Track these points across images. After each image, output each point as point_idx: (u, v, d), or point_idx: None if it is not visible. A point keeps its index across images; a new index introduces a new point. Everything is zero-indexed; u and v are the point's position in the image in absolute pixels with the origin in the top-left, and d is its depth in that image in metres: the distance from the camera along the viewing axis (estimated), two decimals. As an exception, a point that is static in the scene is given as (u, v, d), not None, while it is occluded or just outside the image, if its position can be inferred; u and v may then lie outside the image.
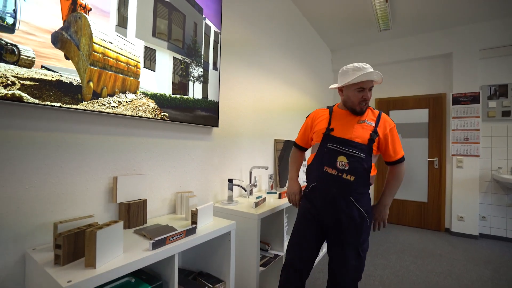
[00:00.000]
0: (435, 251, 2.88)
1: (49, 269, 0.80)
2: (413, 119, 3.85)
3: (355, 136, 1.24)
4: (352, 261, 1.23)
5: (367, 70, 1.22)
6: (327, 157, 1.26)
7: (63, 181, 1.05)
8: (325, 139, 1.29)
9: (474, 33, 3.37)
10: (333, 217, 1.25)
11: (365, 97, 1.25)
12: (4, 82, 0.85)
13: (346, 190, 1.23)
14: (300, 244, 1.33)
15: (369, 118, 1.30)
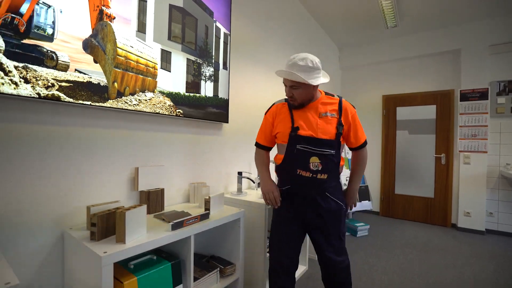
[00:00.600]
0: (440, 245, 2.92)
1: (87, 243, 0.94)
2: (420, 116, 3.87)
3: (323, 133, 1.20)
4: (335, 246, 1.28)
5: (286, 65, 1.18)
6: (299, 159, 1.20)
7: (93, 171, 1.19)
8: (292, 140, 1.22)
9: (483, 29, 3.35)
10: (314, 214, 1.25)
11: (287, 94, 1.23)
12: (46, 84, 0.99)
13: (321, 188, 1.23)
14: (284, 242, 1.29)
15: (330, 109, 1.23)
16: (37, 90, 0.96)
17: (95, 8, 1.13)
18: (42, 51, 0.98)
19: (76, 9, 1.07)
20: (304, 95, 1.20)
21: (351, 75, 4.50)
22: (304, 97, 1.21)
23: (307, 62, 1.14)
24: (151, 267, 1.07)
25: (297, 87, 1.18)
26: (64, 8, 1.03)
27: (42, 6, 0.97)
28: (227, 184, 1.98)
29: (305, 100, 1.22)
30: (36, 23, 0.96)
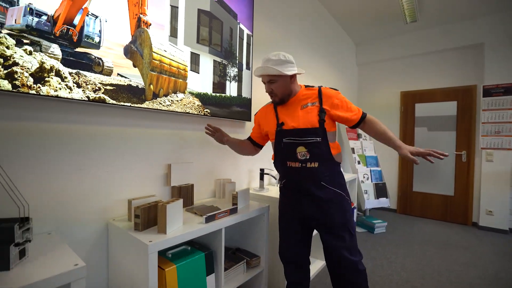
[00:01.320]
0: (460, 243, 2.89)
1: (132, 233, 1.04)
2: (440, 112, 3.79)
3: (305, 123, 1.22)
4: (348, 242, 1.21)
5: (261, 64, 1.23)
6: (286, 152, 1.26)
7: (131, 167, 1.29)
8: (278, 135, 1.28)
9: (508, 21, 3.24)
10: (313, 206, 1.24)
11: (267, 90, 1.28)
12: (94, 88, 1.08)
13: (315, 177, 1.22)
14: (287, 240, 1.34)
15: (310, 99, 1.25)
16: (87, 93, 1.06)
17: (134, 16, 1.21)
18: (90, 58, 1.08)
19: (119, 18, 1.16)
20: (282, 88, 1.25)
21: (368, 71, 4.45)
22: (283, 90, 1.25)
23: (279, 56, 1.21)
24: (187, 256, 1.16)
25: (274, 80, 1.24)
26: (109, 17, 1.12)
27: (91, 17, 1.07)
28: (249, 180, 2.05)
29: (285, 94, 1.27)
30: (86, 33, 1.06)
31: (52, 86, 0.96)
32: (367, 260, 2.39)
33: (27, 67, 0.91)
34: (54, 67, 0.97)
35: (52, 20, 0.97)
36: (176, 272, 1.07)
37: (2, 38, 0.86)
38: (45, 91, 0.95)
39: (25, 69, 0.90)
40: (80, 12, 1.04)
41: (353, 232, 1.25)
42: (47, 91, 0.95)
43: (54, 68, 0.97)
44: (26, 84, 0.91)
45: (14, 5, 0.88)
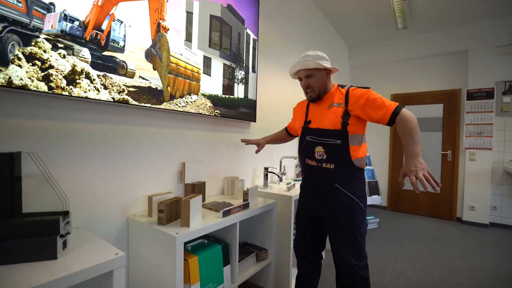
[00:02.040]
0: (446, 237, 3.10)
1: (157, 227, 1.10)
2: (428, 114, 4.01)
3: (328, 124, 1.23)
4: (350, 245, 1.22)
5: (299, 60, 1.27)
6: (306, 150, 1.30)
7: (150, 165, 1.35)
8: (303, 133, 1.34)
9: (490, 30, 3.47)
10: (324, 205, 1.28)
11: (303, 85, 1.30)
12: (118, 89, 1.14)
13: (329, 179, 1.24)
14: (300, 234, 1.42)
15: (337, 99, 1.25)
16: (112, 95, 1.12)
17: (154, 22, 1.27)
18: (116, 61, 1.13)
19: (140, 24, 1.22)
20: (319, 82, 1.26)
21: (361, 74, 4.63)
22: (319, 85, 1.27)
23: (317, 53, 1.27)
24: (206, 248, 1.24)
25: (311, 75, 1.26)
26: (132, 23, 1.18)
27: (116, 23, 1.12)
28: (253, 178, 2.14)
29: (321, 90, 1.28)
30: (113, 37, 1.11)
31: (82, 88, 1.02)
32: (363, 254, 2.53)
33: (61, 70, 0.96)
34: (84, 70, 1.03)
35: (83, 25, 1.02)
36: (198, 262, 1.14)
37: (40, 43, 0.91)
38: (76, 92, 1.00)
39: (59, 71, 0.95)
40: (107, 18, 1.09)
41: (360, 238, 1.22)
42: (78, 92, 1.00)
43: (84, 70, 1.02)
44: (60, 86, 0.96)
45: (51, 11, 0.93)
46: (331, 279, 2.03)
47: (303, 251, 1.41)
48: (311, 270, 1.42)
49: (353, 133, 1.20)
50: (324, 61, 1.26)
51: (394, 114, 1.12)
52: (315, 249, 1.40)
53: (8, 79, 0.83)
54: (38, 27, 0.90)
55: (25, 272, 0.69)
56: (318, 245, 1.41)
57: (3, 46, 0.82)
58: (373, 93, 1.19)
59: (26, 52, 0.87)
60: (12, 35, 0.84)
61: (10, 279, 0.66)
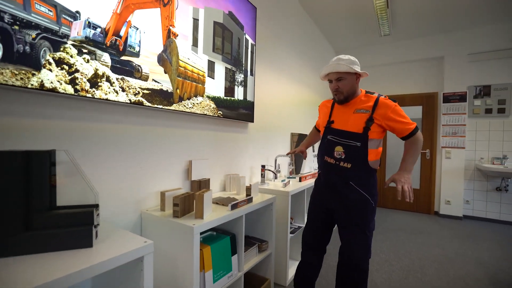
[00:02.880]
0: (426, 229, 3.35)
1: (173, 219, 1.19)
2: (408, 115, 4.25)
3: (351, 126, 1.32)
4: (359, 240, 1.32)
5: (331, 63, 1.34)
6: (327, 148, 1.39)
7: (160, 163, 1.43)
8: (326, 132, 1.42)
9: (463, 39, 3.79)
10: (337, 201, 1.37)
11: (333, 88, 1.36)
12: (134, 92, 1.22)
13: (345, 176, 1.34)
14: (310, 226, 1.51)
15: (365, 106, 1.32)
16: (129, 97, 1.19)
17: (165, 28, 1.36)
18: (132, 65, 1.21)
19: (153, 30, 1.30)
20: (348, 86, 1.33)
21: (346, 77, 4.86)
22: (348, 88, 1.33)
23: (349, 57, 1.33)
24: (216, 239, 1.34)
25: (342, 78, 1.32)
26: (146, 29, 1.26)
27: (133, 29, 1.20)
28: (251, 175, 2.25)
29: (349, 93, 1.35)
30: (129, 43, 1.19)
31: (103, 90, 1.09)
32: (351, 246, 2.72)
33: (85, 74, 1.03)
34: (105, 73, 1.10)
35: (104, 32, 1.09)
36: (210, 251, 1.24)
37: (68, 48, 0.97)
38: (98, 94, 1.07)
39: (84, 75, 1.02)
40: (125, 25, 1.17)
41: (368, 234, 1.33)
42: (99, 94, 1.07)
43: (105, 74, 1.10)
44: (84, 89, 1.03)
45: (77, 19, 1.00)
46: (332, 270, 2.18)
47: (311, 241, 1.50)
48: (315, 261, 1.50)
49: (372, 137, 1.30)
50: (355, 66, 1.32)
51: (412, 132, 1.30)
52: (321, 241, 1.49)
53: (41, 82, 0.90)
54: (66, 34, 0.97)
55: (69, 258, 0.76)
56: (325, 238, 1.49)
57: (36, 51, 0.89)
58: (400, 107, 1.32)
59: (56, 57, 0.94)
60: (44, 41, 0.91)
61: (56, 264, 0.73)
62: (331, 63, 1.34)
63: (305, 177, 2.41)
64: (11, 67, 0.84)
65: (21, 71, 0.86)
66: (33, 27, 0.89)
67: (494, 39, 3.60)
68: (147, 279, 0.89)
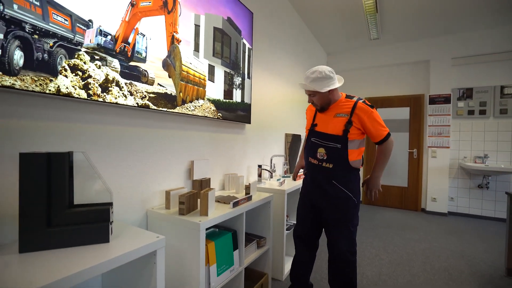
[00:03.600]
0: (413, 225, 3.52)
1: (179, 217, 1.26)
2: (396, 116, 4.47)
3: (331, 129, 1.43)
4: (344, 234, 1.44)
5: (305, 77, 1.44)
6: (310, 149, 1.50)
7: (163, 163, 1.49)
8: (309, 134, 1.54)
9: (447, 44, 3.99)
10: (323, 199, 1.49)
11: (309, 100, 1.49)
12: (141, 95, 1.28)
13: (328, 176, 1.45)
14: (300, 221, 1.63)
15: (344, 110, 1.43)
16: (137, 100, 1.25)
17: (169, 34, 1.42)
18: (139, 70, 1.27)
19: (158, 36, 1.36)
20: (321, 100, 1.44)
21: (337, 79, 5.00)
22: (322, 101, 1.45)
23: (316, 74, 1.38)
24: (218, 235, 1.41)
25: (313, 94, 1.45)
26: (152, 36, 1.32)
27: (140, 36, 1.26)
28: (247, 175, 2.33)
29: (324, 104, 1.46)
30: (137, 49, 1.25)
31: (113, 95, 1.15)
32: (344, 241, 2.84)
33: (97, 79, 1.08)
34: (115, 79, 1.16)
35: (114, 39, 1.15)
36: (214, 246, 1.31)
37: (81, 55, 1.03)
38: (108, 98, 1.13)
39: (96, 80, 1.08)
40: (133, 32, 1.23)
41: (352, 228, 1.45)
42: (110, 98, 1.13)
43: (115, 79, 1.15)
44: (96, 93, 1.08)
45: (89, 27, 1.05)
46: (324, 264, 2.28)
47: (302, 236, 1.61)
48: (307, 253, 1.62)
49: (353, 139, 1.40)
50: (323, 83, 1.38)
51: (384, 139, 1.43)
52: (312, 235, 1.60)
53: (57, 88, 0.95)
54: (80, 42, 1.03)
55: (87, 253, 0.82)
56: (315, 232, 1.60)
57: (54, 59, 0.94)
58: (376, 113, 1.42)
59: (71, 64, 1.00)
60: (60, 49, 0.96)
61: (76, 258, 0.79)
62: (304, 78, 1.44)
63: (299, 176, 2.51)
64: (31, 74, 0.89)
65: (40, 77, 0.91)
66: (51, 35, 0.94)
67: (476, 45, 3.81)
68: (160, 271, 0.96)
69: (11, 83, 0.84)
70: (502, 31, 3.65)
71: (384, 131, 1.43)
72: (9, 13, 0.84)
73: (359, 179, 1.54)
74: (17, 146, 0.90)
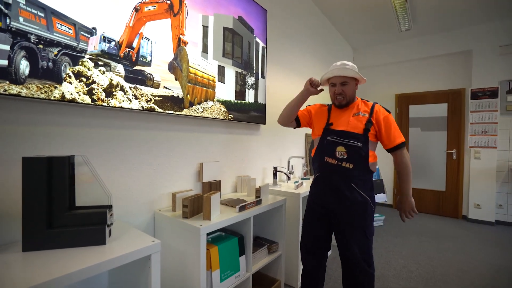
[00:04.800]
0: (451, 234, 3.17)
1: (182, 220, 1.25)
2: (432, 113, 4.08)
3: (352, 127, 1.35)
4: (360, 242, 1.32)
5: (337, 67, 1.36)
6: (327, 149, 1.38)
7: (173, 165, 1.50)
8: (324, 133, 1.42)
9: (493, 31, 3.53)
10: (337, 202, 1.35)
11: (336, 92, 1.38)
12: (146, 99, 1.29)
13: (347, 177, 1.33)
14: (308, 231, 1.48)
15: (363, 110, 1.38)
16: (142, 104, 1.27)
17: (175, 37, 1.43)
18: (144, 74, 1.29)
19: (164, 39, 1.37)
20: (352, 91, 1.39)
21: (365, 74, 4.71)
22: (351, 93, 1.39)
23: (352, 65, 1.39)
24: (224, 240, 1.38)
25: (346, 83, 1.37)
26: (157, 39, 1.33)
27: (145, 40, 1.28)
28: (263, 177, 2.28)
29: (351, 98, 1.40)
30: (141, 53, 1.27)
31: (118, 99, 1.17)
32: (368, 249, 2.65)
33: (101, 84, 1.12)
34: (119, 83, 1.18)
35: (118, 45, 1.18)
36: (217, 251, 1.29)
37: (85, 62, 1.07)
38: (113, 103, 1.15)
39: (100, 86, 1.11)
40: (137, 37, 1.25)
41: (369, 237, 1.34)
42: (114, 103, 1.16)
43: (119, 84, 1.18)
44: (100, 98, 1.11)
45: (93, 34, 1.09)
46: (337, 275, 2.15)
47: (310, 246, 1.47)
48: (317, 265, 1.47)
49: (371, 140, 1.35)
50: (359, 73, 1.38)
51: (398, 146, 1.35)
52: (321, 244, 1.46)
53: (62, 94, 0.99)
54: (84, 49, 1.06)
55: (84, 254, 0.84)
56: (325, 241, 1.46)
57: (58, 67, 0.99)
58: (393, 118, 1.38)
59: (75, 70, 1.03)
60: (64, 57, 1.00)
61: (73, 259, 0.81)
62: (335, 67, 1.37)
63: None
64: (36, 82, 0.94)
65: (45, 85, 0.96)
66: (55, 44, 0.98)
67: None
68: (155, 276, 0.96)
69: (18, 91, 0.89)
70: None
71: (399, 138, 1.35)
72: (15, 25, 0.89)
73: (373, 185, 1.43)
74: (25, 150, 0.96)
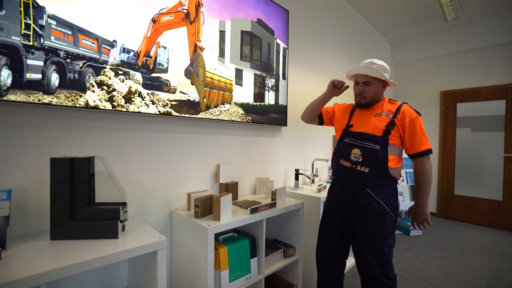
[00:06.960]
0: (507, 250, 2.76)
1: (193, 219, 1.30)
2: (485, 112, 3.59)
3: (371, 129, 1.25)
4: (376, 254, 1.22)
5: (363, 64, 1.29)
6: (343, 151, 1.31)
7: (191, 166, 1.57)
8: (343, 135, 1.36)
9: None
10: (352, 208, 1.26)
11: (357, 91, 1.32)
12: (163, 104, 1.38)
13: (362, 182, 1.24)
14: (324, 240, 1.40)
15: (386, 110, 1.28)
16: (159, 108, 1.35)
17: (192, 44, 1.49)
18: (161, 80, 1.37)
19: (180, 46, 1.44)
20: (373, 92, 1.30)
21: (405, 71, 4.36)
22: (373, 94, 1.30)
23: (383, 63, 1.30)
24: (235, 241, 1.40)
25: (369, 83, 1.29)
26: (174, 47, 1.41)
27: (161, 49, 1.36)
28: (285, 179, 2.25)
29: (373, 99, 1.31)
30: (159, 61, 1.35)
31: (136, 105, 1.27)
32: (401, 261, 2.43)
33: (121, 92, 1.22)
34: (137, 90, 1.28)
35: (136, 54, 1.27)
36: (227, 252, 1.31)
37: (107, 72, 1.18)
38: (131, 108, 1.25)
39: (120, 93, 1.22)
40: (154, 46, 1.33)
41: (387, 250, 1.23)
42: (133, 108, 1.26)
43: (137, 90, 1.28)
44: (120, 104, 1.22)
45: (114, 47, 1.19)
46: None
47: (325, 256, 1.39)
48: (333, 276, 1.39)
49: (393, 143, 1.24)
50: (386, 74, 1.28)
51: (422, 153, 1.23)
52: (338, 254, 1.37)
53: (86, 102, 1.11)
54: (105, 60, 1.17)
55: (97, 246, 0.93)
56: (342, 251, 1.37)
57: (83, 77, 1.10)
58: (421, 121, 1.25)
59: (98, 80, 1.15)
60: (88, 68, 1.12)
61: (88, 250, 0.90)
62: (362, 65, 1.31)
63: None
64: (64, 92, 1.06)
65: (72, 94, 1.08)
66: (80, 58, 1.10)
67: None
68: (161, 271, 1.01)
69: (49, 100, 1.03)
70: None
71: (425, 144, 1.23)
72: (48, 44, 1.02)
73: (397, 191, 1.31)
74: (53, 152, 1.09)
